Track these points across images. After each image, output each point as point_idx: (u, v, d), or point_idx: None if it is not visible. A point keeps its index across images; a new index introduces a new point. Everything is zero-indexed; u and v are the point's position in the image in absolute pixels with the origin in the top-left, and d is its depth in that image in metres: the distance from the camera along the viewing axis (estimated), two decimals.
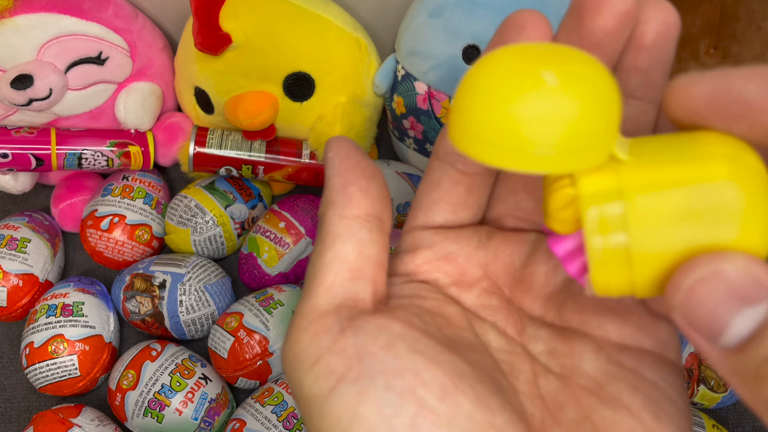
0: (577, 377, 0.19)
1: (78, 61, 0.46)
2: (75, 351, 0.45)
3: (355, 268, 0.18)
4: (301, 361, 0.17)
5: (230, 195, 0.50)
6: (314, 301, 0.18)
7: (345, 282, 0.18)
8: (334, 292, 0.18)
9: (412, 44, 0.46)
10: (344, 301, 0.18)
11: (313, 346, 0.17)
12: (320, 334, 0.17)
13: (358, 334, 0.17)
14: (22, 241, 0.48)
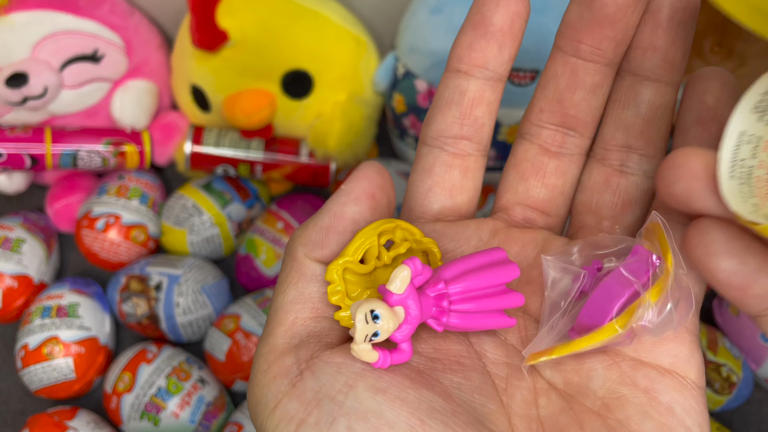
0: (583, 398, 0.17)
1: (73, 58, 0.46)
2: (70, 353, 0.45)
3: (318, 308, 0.17)
4: (263, 407, 0.16)
5: (227, 195, 0.50)
6: (273, 342, 0.17)
7: (307, 321, 0.17)
8: (294, 331, 0.17)
9: (412, 41, 0.45)
10: (305, 339, 0.17)
11: (272, 390, 0.16)
12: (279, 377, 0.16)
13: (316, 377, 0.16)
14: (16, 241, 0.48)
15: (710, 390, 0.44)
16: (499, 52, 0.19)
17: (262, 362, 0.17)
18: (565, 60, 0.19)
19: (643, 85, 0.18)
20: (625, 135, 0.19)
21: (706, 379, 0.44)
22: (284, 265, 0.18)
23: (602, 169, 0.20)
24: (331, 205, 0.18)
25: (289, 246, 0.18)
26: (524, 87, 0.43)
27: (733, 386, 0.45)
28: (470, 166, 0.20)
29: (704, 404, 0.17)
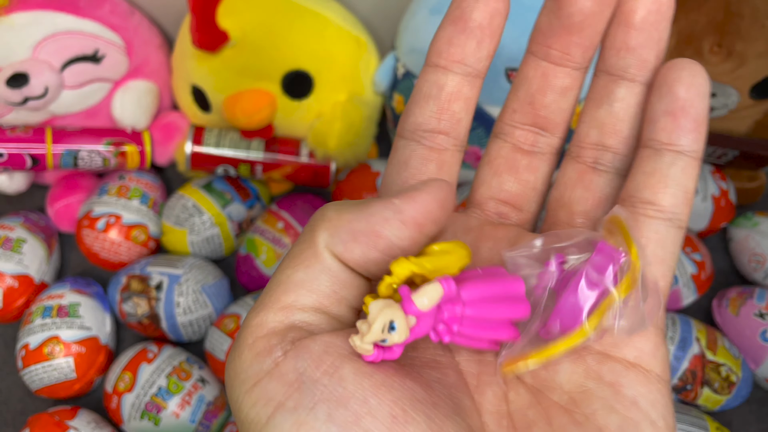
0: (550, 392, 0.17)
1: (74, 59, 0.46)
2: (71, 353, 0.45)
3: (323, 302, 0.16)
4: (241, 381, 0.16)
5: (228, 195, 0.50)
6: (266, 317, 0.16)
7: (306, 309, 0.16)
8: (289, 313, 0.16)
9: (412, 41, 0.45)
10: (296, 323, 0.16)
11: (254, 367, 0.16)
12: (263, 354, 0.16)
13: (301, 357, 0.15)
14: (17, 241, 0.48)
15: (710, 390, 0.44)
16: (477, 48, 0.19)
17: (249, 335, 0.16)
18: (536, 63, 0.19)
19: (617, 84, 0.18)
20: (599, 133, 0.19)
21: (706, 379, 0.44)
22: (301, 241, 0.17)
23: (576, 165, 0.20)
24: (375, 211, 0.16)
25: (314, 225, 0.17)
26: None
27: (733, 386, 0.45)
28: (446, 161, 0.20)
29: (669, 397, 0.17)
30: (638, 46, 0.17)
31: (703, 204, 0.51)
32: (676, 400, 0.45)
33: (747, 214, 0.52)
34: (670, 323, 0.45)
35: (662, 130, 0.17)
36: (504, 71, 0.43)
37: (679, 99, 0.16)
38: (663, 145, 0.17)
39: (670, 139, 0.16)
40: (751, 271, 0.51)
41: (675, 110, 0.16)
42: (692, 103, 0.16)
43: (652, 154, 0.17)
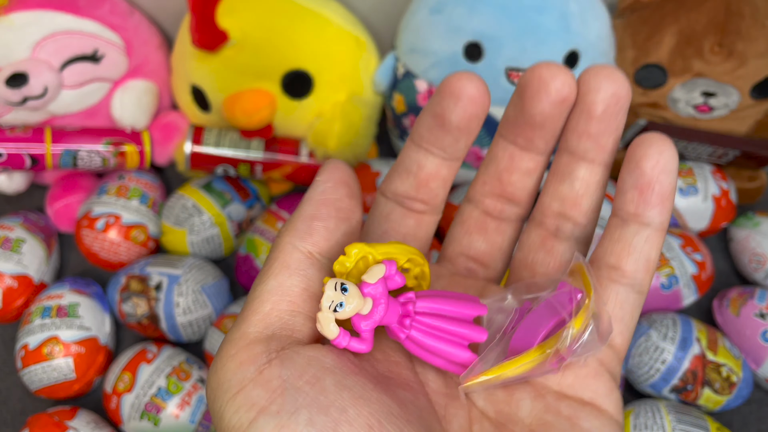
0: (513, 425, 0.18)
1: (73, 58, 0.46)
2: (70, 353, 0.45)
3: (296, 302, 0.18)
4: (224, 391, 0.16)
5: (227, 195, 0.50)
6: (246, 329, 0.17)
7: (282, 314, 0.17)
8: (268, 322, 0.17)
9: (412, 41, 0.45)
10: (278, 331, 0.17)
11: (238, 375, 0.16)
12: (246, 363, 0.16)
13: (285, 366, 0.16)
14: (16, 241, 0.48)
15: (710, 390, 0.44)
16: (454, 142, 0.20)
17: (231, 347, 0.17)
18: (504, 146, 0.21)
19: (578, 164, 0.19)
20: (561, 205, 0.20)
21: (707, 379, 0.44)
22: (269, 256, 0.18)
23: (539, 231, 0.21)
24: (312, 194, 0.19)
25: (276, 239, 0.19)
26: None
27: (733, 386, 0.45)
28: (425, 220, 0.22)
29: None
30: (598, 134, 0.18)
31: (703, 204, 0.51)
32: (676, 400, 0.45)
33: (748, 213, 0.52)
34: (670, 323, 0.45)
35: (630, 202, 0.18)
36: (504, 71, 0.43)
37: (645, 175, 0.17)
38: (630, 215, 0.18)
39: (636, 211, 0.18)
40: (751, 272, 0.51)
41: (642, 185, 0.17)
42: (658, 180, 0.17)
43: (619, 223, 0.18)
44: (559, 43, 0.42)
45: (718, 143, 0.51)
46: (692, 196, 0.51)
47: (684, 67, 0.49)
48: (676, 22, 0.49)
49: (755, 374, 0.47)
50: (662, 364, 0.44)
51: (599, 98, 0.18)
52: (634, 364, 0.46)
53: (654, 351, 0.45)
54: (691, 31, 0.48)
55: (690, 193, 0.51)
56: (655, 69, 0.50)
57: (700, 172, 0.51)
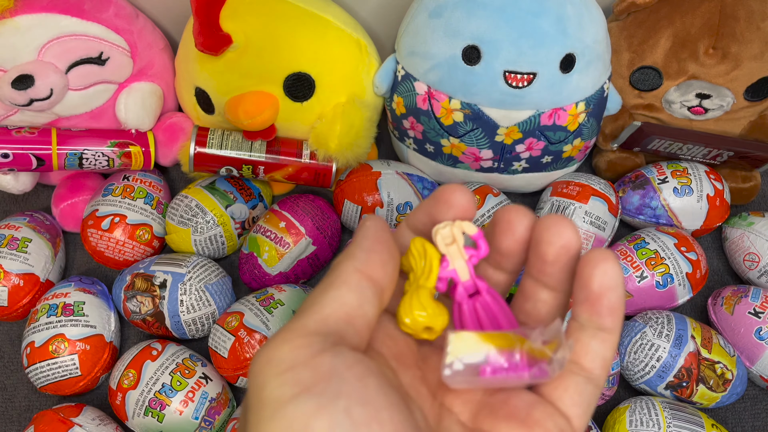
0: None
1: (79, 61, 0.46)
2: (76, 350, 0.45)
3: (351, 314, 0.19)
4: (274, 365, 0.17)
5: (231, 195, 0.51)
6: (305, 322, 0.19)
7: (339, 320, 0.19)
8: (326, 323, 0.19)
9: (412, 44, 0.46)
10: (334, 332, 0.18)
11: (291, 355, 0.17)
12: (301, 348, 0.18)
13: (337, 357, 0.17)
14: (23, 240, 0.48)
15: (705, 387, 0.45)
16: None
17: (288, 334, 0.18)
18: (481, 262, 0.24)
19: (539, 289, 0.22)
20: (526, 318, 0.23)
21: (701, 376, 0.44)
22: (329, 274, 0.20)
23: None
24: (367, 233, 0.21)
25: (336, 263, 0.21)
26: (521, 89, 0.44)
27: (728, 383, 0.45)
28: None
29: None
30: (552, 272, 0.21)
31: (698, 203, 0.51)
32: (671, 397, 0.46)
33: (742, 213, 0.53)
34: (665, 321, 0.46)
35: (584, 312, 0.20)
36: (502, 73, 0.43)
37: (593, 293, 0.20)
38: (585, 321, 0.20)
39: (590, 320, 0.20)
40: (745, 270, 0.51)
41: (591, 300, 0.20)
42: (605, 294, 0.20)
43: (577, 327, 0.21)
44: (555, 46, 0.43)
45: (713, 144, 0.51)
46: (687, 196, 0.51)
47: (679, 70, 0.49)
48: (671, 25, 0.49)
49: (749, 371, 0.47)
50: (657, 361, 0.45)
51: (550, 250, 0.20)
52: (629, 361, 0.46)
53: (649, 348, 0.45)
54: (686, 34, 0.49)
55: (684, 193, 0.51)
56: (650, 71, 0.50)
57: (695, 172, 0.52)
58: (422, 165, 0.53)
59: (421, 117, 0.47)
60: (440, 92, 0.45)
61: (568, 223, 0.20)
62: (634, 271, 0.48)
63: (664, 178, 0.52)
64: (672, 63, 0.49)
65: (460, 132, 0.47)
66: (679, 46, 0.49)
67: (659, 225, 0.52)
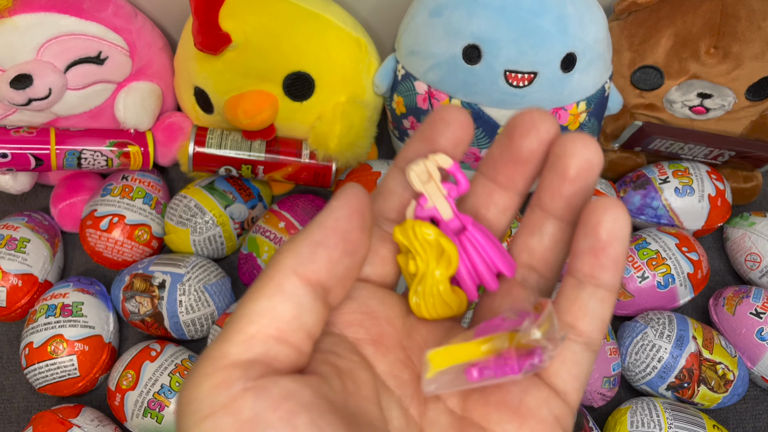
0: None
1: (77, 60, 0.46)
2: (74, 351, 0.45)
3: (284, 330, 0.17)
4: (193, 411, 0.16)
5: (230, 195, 0.50)
6: (227, 348, 0.16)
7: (268, 339, 0.17)
8: (251, 345, 0.17)
9: (412, 44, 0.46)
10: (259, 357, 0.17)
11: (210, 398, 0.16)
12: (221, 387, 0.16)
13: (260, 398, 0.16)
14: (21, 241, 0.48)
15: (706, 388, 0.45)
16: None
17: (208, 365, 0.16)
18: (484, 182, 0.22)
19: (548, 220, 0.20)
20: (529, 257, 0.21)
21: (703, 377, 0.44)
22: (264, 274, 0.18)
23: (507, 280, 0.22)
24: (323, 219, 0.18)
25: (276, 257, 0.18)
26: (522, 89, 0.44)
27: (729, 384, 0.45)
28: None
29: None
30: (569, 195, 0.19)
31: (699, 204, 0.51)
32: (673, 397, 0.45)
33: (743, 213, 0.53)
34: (666, 321, 0.46)
35: (585, 264, 0.18)
36: (503, 73, 0.43)
37: (600, 240, 0.18)
38: (585, 276, 0.19)
39: (591, 273, 0.18)
40: (747, 271, 0.51)
41: (596, 249, 0.18)
42: (611, 245, 0.18)
43: (575, 284, 0.19)
44: (556, 45, 0.43)
45: (714, 144, 0.51)
46: (688, 196, 0.51)
47: (680, 69, 0.49)
48: (672, 24, 0.49)
49: (751, 372, 0.47)
50: (659, 362, 0.45)
51: (573, 162, 0.19)
52: (630, 362, 0.46)
53: (650, 349, 0.45)
54: (687, 34, 0.49)
55: (686, 193, 0.51)
56: (651, 71, 0.50)
57: (696, 172, 0.52)
58: None
59: (422, 117, 0.47)
60: (440, 92, 0.45)
61: (593, 141, 0.19)
62: (636, 271, 0.48)
63: (666, 178, 0.52)
64: (673, 62, 0.49)
65: None
66: (680, 45, 0.49)
67: (660, 225, 0.52)
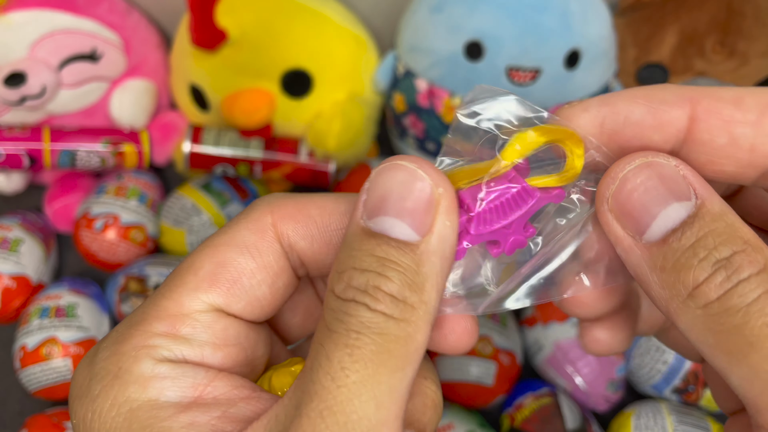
0: None
1: (71, 58, 0.45)
2: (69, 354, 0.44)
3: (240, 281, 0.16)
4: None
5: (226, 195, 0.50)
6: (179, 297, 0.16)
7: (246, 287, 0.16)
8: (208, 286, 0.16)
9: (412, 40, 0.45)
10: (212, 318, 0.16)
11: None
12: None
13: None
14: (15, 241, 0.48)
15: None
16: None
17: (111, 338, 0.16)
18: None
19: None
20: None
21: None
22: (245, 219, 0.17)
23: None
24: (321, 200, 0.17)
25: (256, 204, 0.17)
26: (525, 86, 0.43)
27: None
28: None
29: None
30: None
31: None
32: (678, 401, 0.45)
33: None
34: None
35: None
36: (505, 70, 0.43)
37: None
38: None
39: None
40: None
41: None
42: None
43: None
44: (560, 42, 0.42)
45: None
46: None
47: (685, 66, 0.49)
48: (677, 21, 0.48)
49: None
50: (664, 365, 0.44)
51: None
52: (635, 365, 0.45)
53: (656, 352, 0.45)
54: (692, 30, 0.48)
55: None
56: (656, 68, 0.50)
57: None
58: None
59: (423, 115, 0.47)
60: (442, 89, 0.45)
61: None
62: None
63: None
64: (678, 59, 0.49)
65: None
66: (685, 42, 0.48)
67: None
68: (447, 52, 0.43)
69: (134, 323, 0.16)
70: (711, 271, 0.14)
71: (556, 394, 0.44)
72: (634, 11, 0.50)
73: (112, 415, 0.15)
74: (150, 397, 0.15)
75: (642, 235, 0.15)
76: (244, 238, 0.16)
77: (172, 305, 0.16)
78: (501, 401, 0.45)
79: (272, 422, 0.14)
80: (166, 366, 0.15)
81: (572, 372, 0.44)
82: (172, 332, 0.16)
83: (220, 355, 0.16)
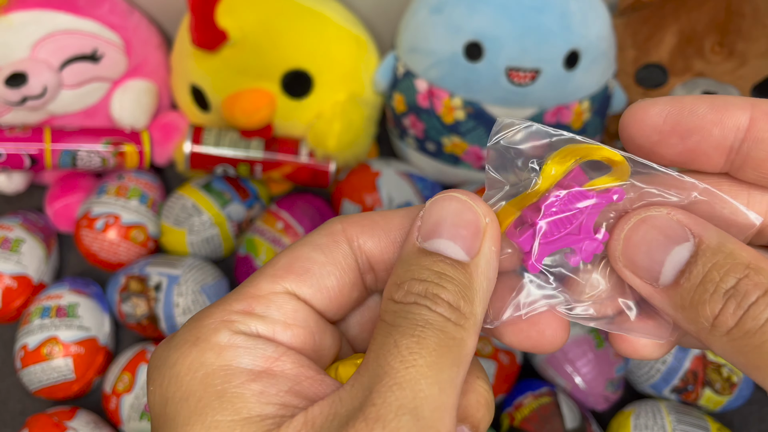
0: None
1: (72, 58, 0.45)
2: (69, 353, 0.44)
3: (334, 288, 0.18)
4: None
5: (227, 195, 0.50)
6: (260, 282, 0.17)
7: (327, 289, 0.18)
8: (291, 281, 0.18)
9: (412, 41, 0.45)
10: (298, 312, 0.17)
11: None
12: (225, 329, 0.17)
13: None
14: (16, 241, 0.48)
15: (711, 390, 0.44)
16: None
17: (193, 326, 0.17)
18: None
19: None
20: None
21: (707, 379, 0.44)
22: (318, 230, 0.19)
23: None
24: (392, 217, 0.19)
25: (329, 220, 0.19)
26: (524, 87, 0.43)
27: (734, 387, 0.44)
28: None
29: None
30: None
31: None
32: (677, 400, 0.45)
33: None
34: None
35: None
36: (505, 70, 0.43)
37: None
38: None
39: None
40: None
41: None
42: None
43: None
44: (559, 42, 0.42)
45: None
46: None
47: (685, 67, 0.49)
48: (676, 21, 0.48)
49: None
50: (663, 364, 0.44)
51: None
52: (634, 364, 0.45)
53: None
54: (691, 31, 0.48)
55: None
56: (655, 68, 0.50)
57: None
58: (423, 164, 0.52)
59: (422, 115, 0.47)
60: (441, 90, 0.45)
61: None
62: None
63: None
64: (678, 60, 0.49)
65: (462, 130, 0.46)
66: (684, 42, 0.48)
67: None
68: (447, 52, 0.43)
69: (215, 304, 0.18)
70: (723, 302, 0.15)
71: (556, 393, 0.44)
72: (633, 12, 0.50)
73: (188, 380, 0.16)
74: (224, 363, 0.16)
75: (657, 281, 0.16)
76: (316, 239, 0.18)
77: (250, 289, 0.18)
78: (501, 400, 0.45)
79: (336, 403, 0.15)
80: (241, 337, 0.17)
81: (572, 371, 0.44)
82: (249, 310, 0.17)
83: (289, 334, 0.17)
